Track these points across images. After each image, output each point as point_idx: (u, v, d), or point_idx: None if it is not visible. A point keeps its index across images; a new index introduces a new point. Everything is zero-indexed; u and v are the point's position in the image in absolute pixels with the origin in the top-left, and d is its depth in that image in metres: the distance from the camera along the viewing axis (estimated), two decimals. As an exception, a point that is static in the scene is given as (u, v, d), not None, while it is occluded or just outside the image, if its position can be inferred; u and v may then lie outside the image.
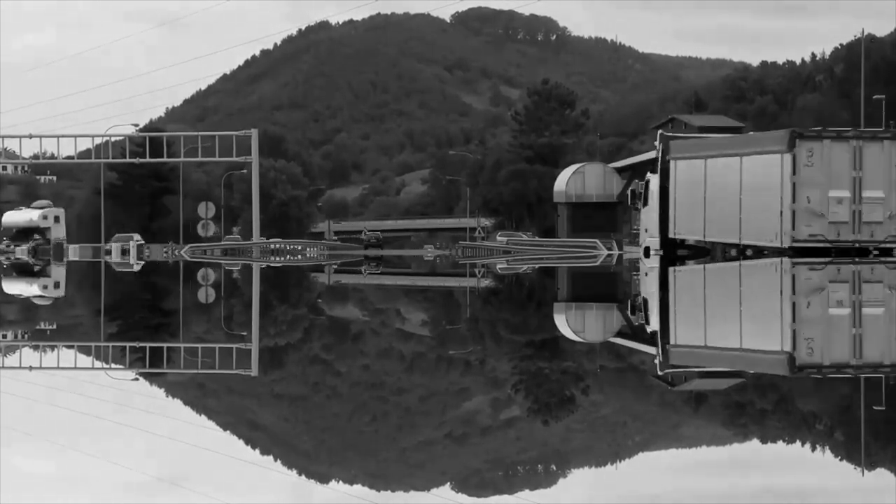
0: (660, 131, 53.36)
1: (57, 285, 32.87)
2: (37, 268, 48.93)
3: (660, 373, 10.16)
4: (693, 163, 47.37)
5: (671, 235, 49.25)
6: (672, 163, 48.58)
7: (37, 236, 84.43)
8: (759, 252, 43.82)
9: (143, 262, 62.87)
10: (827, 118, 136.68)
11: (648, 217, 51.39)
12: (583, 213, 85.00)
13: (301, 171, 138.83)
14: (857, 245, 42.90)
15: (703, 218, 46.54)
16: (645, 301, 20.86)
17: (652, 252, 49.72)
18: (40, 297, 25.95)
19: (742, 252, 44.91)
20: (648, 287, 26.77)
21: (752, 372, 10.12)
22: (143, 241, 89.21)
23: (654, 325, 15.33)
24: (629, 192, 57.04)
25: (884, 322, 15.26)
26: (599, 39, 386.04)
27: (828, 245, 42.61)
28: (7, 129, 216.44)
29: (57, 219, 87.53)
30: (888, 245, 43.06)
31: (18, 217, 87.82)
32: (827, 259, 39.07)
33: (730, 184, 44.91)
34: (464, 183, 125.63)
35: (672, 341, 12.88)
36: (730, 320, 16.20)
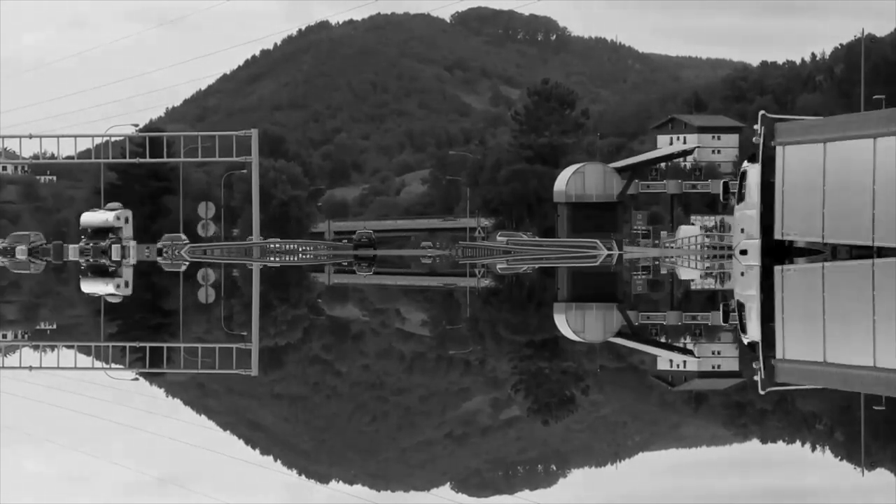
0: (761, 112, 42.72)
1: (127, 284, 33.32)
2: (111, 269, 49.65)
3: (762, 391, 8.67)
4: (808, 148, 38.39)
5: (777, 237, 39.88)
6: (780, 149, 39.32)
7: (111, 235, 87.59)
8: None
9: (188, 262, 63.50)
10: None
11: (744, 215, 41.77)
12: (583, 213, 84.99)
13: (301, 171, 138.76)
14: None
15: (822, 216, 37.56)
16: (741, 306, 17.79)
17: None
18: (112, 295, 26.44)
19: (878, 254, 35.63)
20: (745, 289, 22.59)
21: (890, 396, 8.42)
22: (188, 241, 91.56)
23: (753, 334, 13.21)
24: (722, 184, 47.99)
25: None
26: (599, 39, 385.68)
27: None
28: (7, 129, 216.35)
29: (127, 220, 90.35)
30: None
31: (94, 218, 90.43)
32: None
33: (860, 173, 35.90)
34: (464, 183, 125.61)
35: (780, 354, 10.91)
36: (860, 333, 13.00)
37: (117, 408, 8.29)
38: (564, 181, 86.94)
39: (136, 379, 10.29)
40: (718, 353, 12.36)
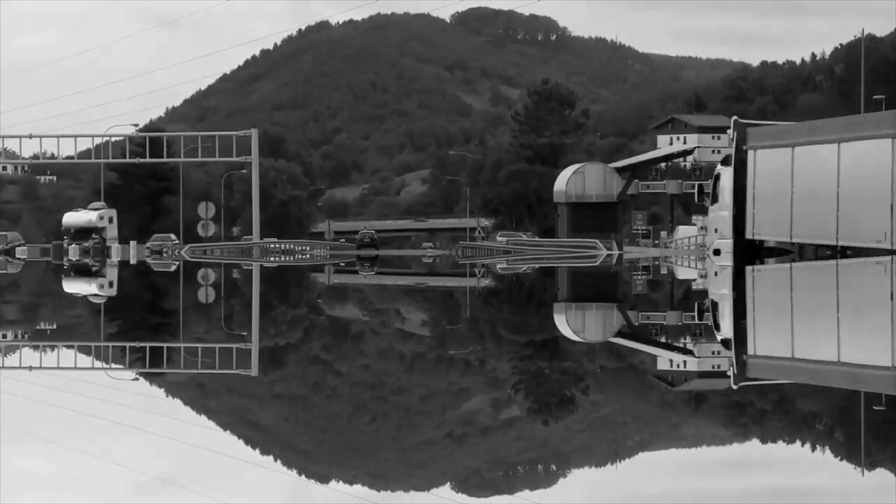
0: (734, 118, 43.99)
1: (111, 285, 33.15)
2: (94, 268, 49.47)
3: (734, 386, 8.97)
4: (777, 152, 39.82)
5: (748, 236, 41.31)
6: (751, 153, 40.72)
7: (94, 236, 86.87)
8: (859, 254, 35.87)
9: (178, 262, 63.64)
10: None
11: (718, 216, 43.02)
12: (583, 213, 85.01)
13: (301, 171, 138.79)
14: None
15: (790, 216, 38.99)
16: (714, 304, 18.51)
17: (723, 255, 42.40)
18: (96, 295, 26.38)
19: (842, 253, 37.00)
20: (718, 288, 23.59)
21: (854, 389, 8.79)
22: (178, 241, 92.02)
23: (726, 331, 13.55)
24: (696, 185, 51.67)
25: None
26: (599, 39, 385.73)
27: None
28: (7, 129, 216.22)
29: (111, 219, 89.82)
30: None
31: (77, 218, 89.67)
32: None
33: (825, 175, 37.34)
34: (464, 183, 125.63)
35: (750, 351, 11.25)
36: (825, 329, 13.62)
37: (117, 408, 8.29)
38: (564, 181, 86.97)
39: (136, 379, 10.29)
40: (718, 354, 12.37)
